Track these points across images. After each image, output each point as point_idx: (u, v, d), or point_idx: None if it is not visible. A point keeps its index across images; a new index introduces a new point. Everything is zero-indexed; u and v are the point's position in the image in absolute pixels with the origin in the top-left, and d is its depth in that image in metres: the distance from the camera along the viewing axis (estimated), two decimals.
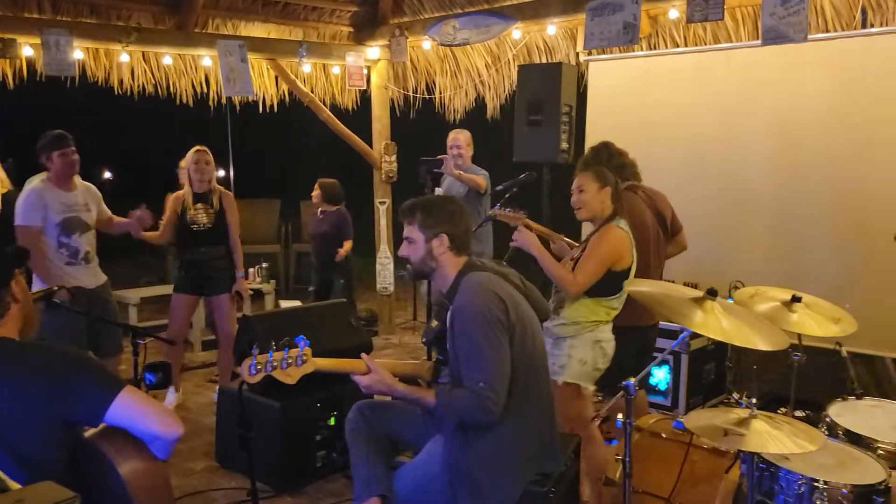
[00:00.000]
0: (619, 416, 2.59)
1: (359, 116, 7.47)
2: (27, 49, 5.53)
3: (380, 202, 7.29)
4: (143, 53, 6.38)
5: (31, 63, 5.79)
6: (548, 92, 4.92)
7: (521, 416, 2.48)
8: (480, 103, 7.04)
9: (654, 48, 5.63)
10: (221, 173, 11.99)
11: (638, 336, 3.61)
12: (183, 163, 5.09)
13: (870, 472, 2.45)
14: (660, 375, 4.74)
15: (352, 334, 4.32)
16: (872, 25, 4.66)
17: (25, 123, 4.43)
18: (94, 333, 4.22)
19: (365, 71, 6.98)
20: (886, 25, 4.60)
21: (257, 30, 6.70)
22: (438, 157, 5.39)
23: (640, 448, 3.03)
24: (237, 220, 5.14)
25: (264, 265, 7.45)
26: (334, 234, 6.40)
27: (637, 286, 2.74)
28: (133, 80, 6.48)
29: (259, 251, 8.76)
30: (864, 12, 4.64)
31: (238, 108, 7.57)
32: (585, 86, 5.83)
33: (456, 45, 6.21)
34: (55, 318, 3.52)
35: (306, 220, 8.96)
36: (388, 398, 2.72)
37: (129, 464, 1.89)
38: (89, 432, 1.99)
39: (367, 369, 2.52)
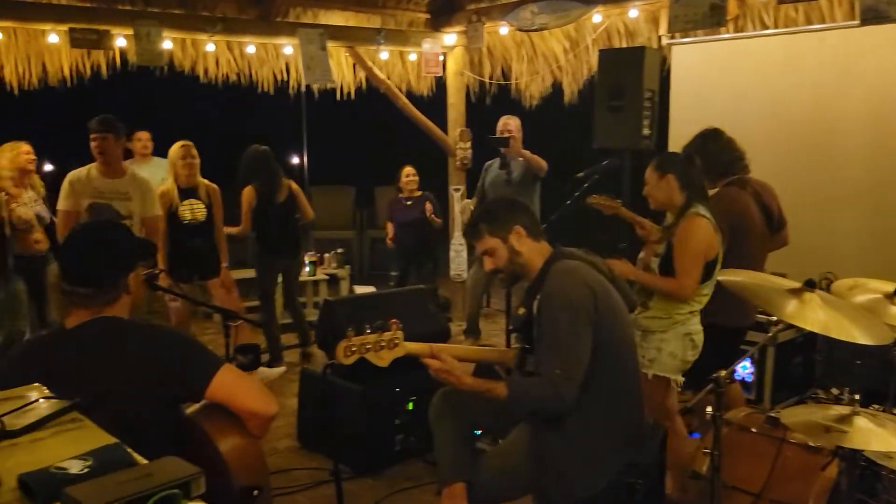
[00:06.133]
0: (708, 409, 2.52)
1: (434, 103, 7.49)
2: (120, 40, 5.72)
3: (454, 189, 7.29)
4: (227, 43, 6.56)
5: (123, 53, 6.04)
6: (630, 77, 4.79)
7: (610, 406, 2.46)
8: (557, 89, 6.96)
9: (742, 31, 5.44)
10: (296, 160, 12.27)
11: (729, 337, 3.54)
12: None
13: None
14: (745, 369, 4.60)
15: (429, 321, 4.33)
16: None
17: (120, 111, 4.58)
18: None
19: (441, 58, 6.98)
20: None
21: (336, 18, 6.77)
22: (505, 135, 5.47)
23: (727, 442, 2.93)
24: (222, 214, 5.15)
25: (339, 251, 7.57)
26: (424, 219, 6.52)
27: (731, 276, 2.66)
28: (217, 69, 6.69)
29: (333, 237, 8.91)
30: None
31: (316, 95, 7.71)
32: (667, 70, 5.69)
33: (534, 31, 6.14)
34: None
35: (382, 207, 9.04)
36: None
37: (228, 441, 1.95)
38: (189, 410, 2.07)
39: (444, 357, 2.51)
